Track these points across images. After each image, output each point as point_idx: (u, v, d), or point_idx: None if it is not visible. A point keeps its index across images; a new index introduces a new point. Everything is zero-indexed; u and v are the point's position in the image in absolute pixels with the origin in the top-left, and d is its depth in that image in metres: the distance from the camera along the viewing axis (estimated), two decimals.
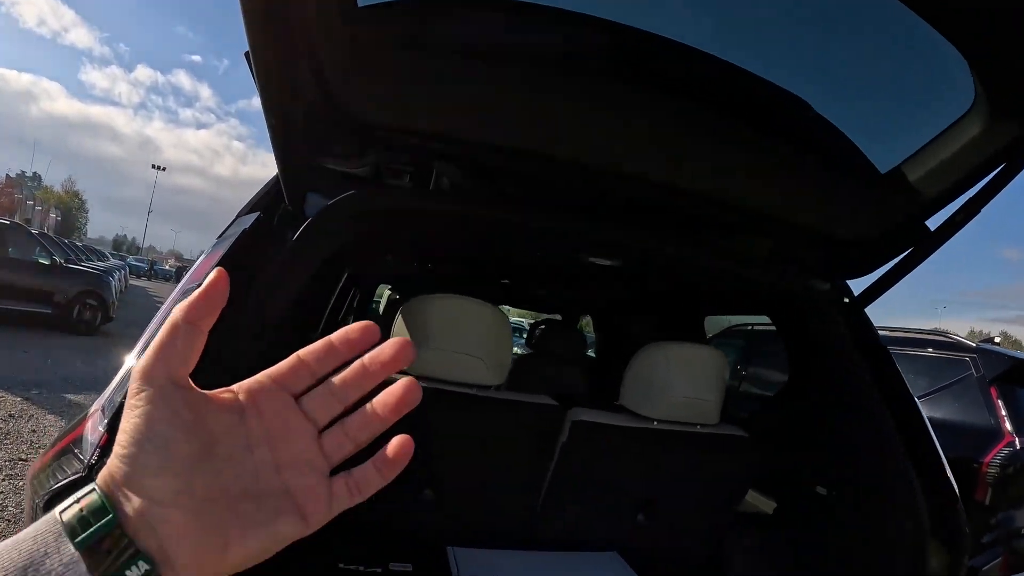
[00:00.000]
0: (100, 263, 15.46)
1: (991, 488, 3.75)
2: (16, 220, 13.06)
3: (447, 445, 1.86)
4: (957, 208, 1.60)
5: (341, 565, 1.71)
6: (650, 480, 2.03)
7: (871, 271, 1.96)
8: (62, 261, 10.91)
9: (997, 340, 4.68)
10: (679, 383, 1.94)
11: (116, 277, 13.01)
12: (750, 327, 5.83)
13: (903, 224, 1.76)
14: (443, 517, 1.99)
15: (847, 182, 1.75)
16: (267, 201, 1.63)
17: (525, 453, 1.96)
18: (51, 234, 17.28)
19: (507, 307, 7.32)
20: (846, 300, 2.08)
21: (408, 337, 1.74)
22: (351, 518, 1.52)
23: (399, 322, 1.88)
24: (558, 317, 5.84)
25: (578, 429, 1.93)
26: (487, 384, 1.89)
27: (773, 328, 2.44)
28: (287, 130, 1.33)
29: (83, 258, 14.62)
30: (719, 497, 2.11)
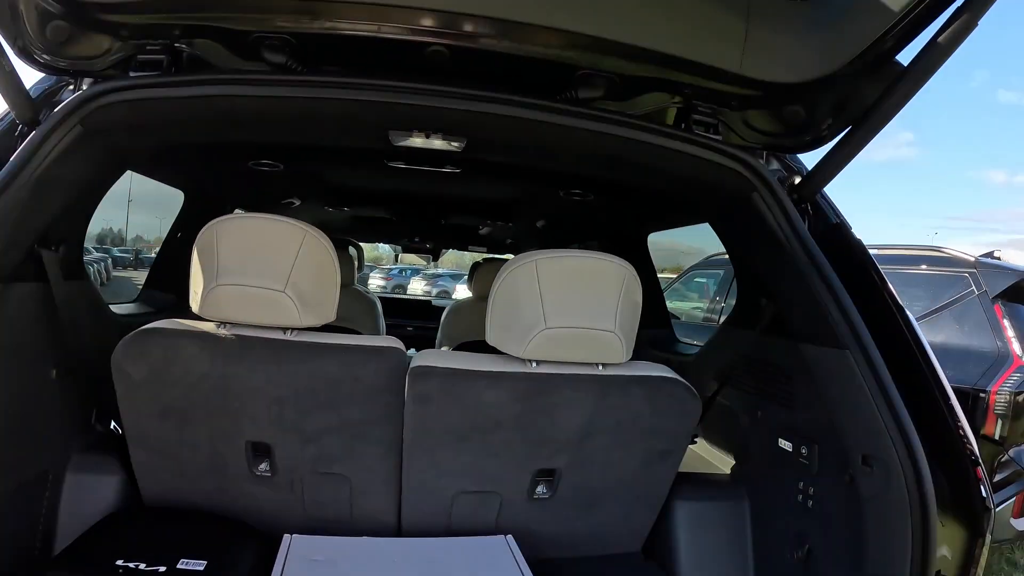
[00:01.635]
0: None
1: (1000, 420, 3.27)
2: None
3: (265, 404, 1.51)
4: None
5: (119, 563, 1.35)
6: (545, 442, 1.59)
7: (828, 136, 1.53)
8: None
9: (998, 255, 4.15)
10: (562, 308, 1.47)
11: (92, 270, 12.55)
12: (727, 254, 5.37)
13: (869, 60, 1.32)
14: (283, 496, 1.63)
15: None
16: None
17: (366, 411, 1.54)
18: None
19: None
20: (798, 180, 1.60)
21: (200, 272, 1.27)
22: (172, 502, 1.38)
23: (194, 256, 1.50)
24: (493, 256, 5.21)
25: (422, 379, 1.50)
26: (299, 325, 1.49)
27: None
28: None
29: None
30: (645, 459, 1.66)
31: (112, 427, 1.64)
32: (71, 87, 1.45)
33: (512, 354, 1.51)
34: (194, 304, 1.47)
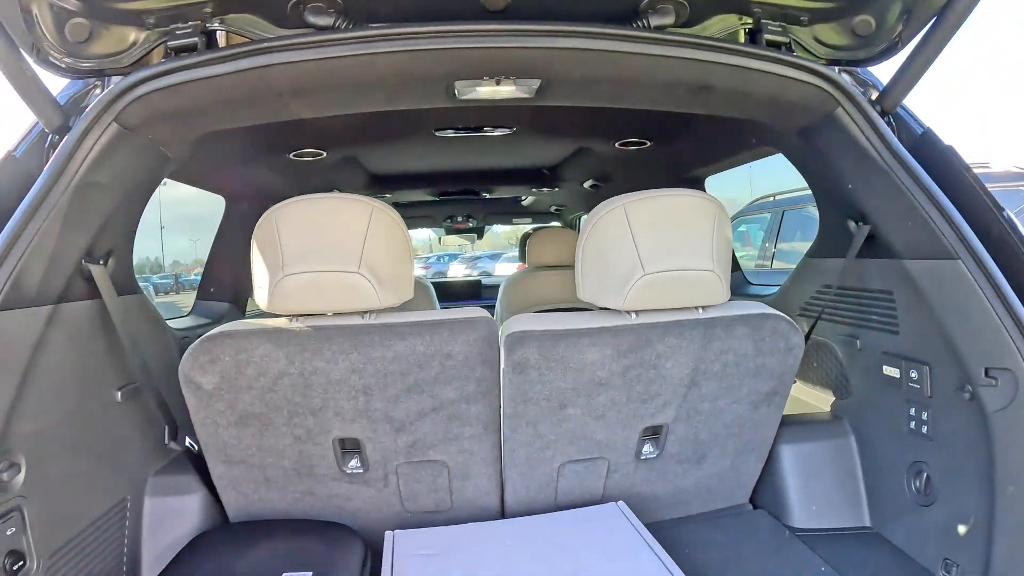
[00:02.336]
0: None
1: None
2: None
3: (351, 396, 1.41)
4: None
5: None
6: (651, 398, 1.49)
7: (901, 43, 1.41)
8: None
9: None
10: (658, 251, 1.38)
11: None
12: (772, 198, 5.16)
13: None
14: (376, 491, 1.54)
15: None
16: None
17: (460, 389, 1.44)
18: None
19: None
20: (876, 95, 1.48)
21: (264, 265, 1.17)
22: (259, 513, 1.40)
23: (254, 250, 1.39)
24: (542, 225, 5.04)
25: (519, 345, 1.40)
26: (378, 307, 1.39)
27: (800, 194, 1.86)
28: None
29: None
30: (751, 403, 1.57)
31: (187, 444, 1.57)
32: (98, 89, 1.35)
33: (610, 307, 1.42)
34: (260, 300, 1.38)
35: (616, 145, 2.25)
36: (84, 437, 1.34)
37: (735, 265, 2.86)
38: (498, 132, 1.99)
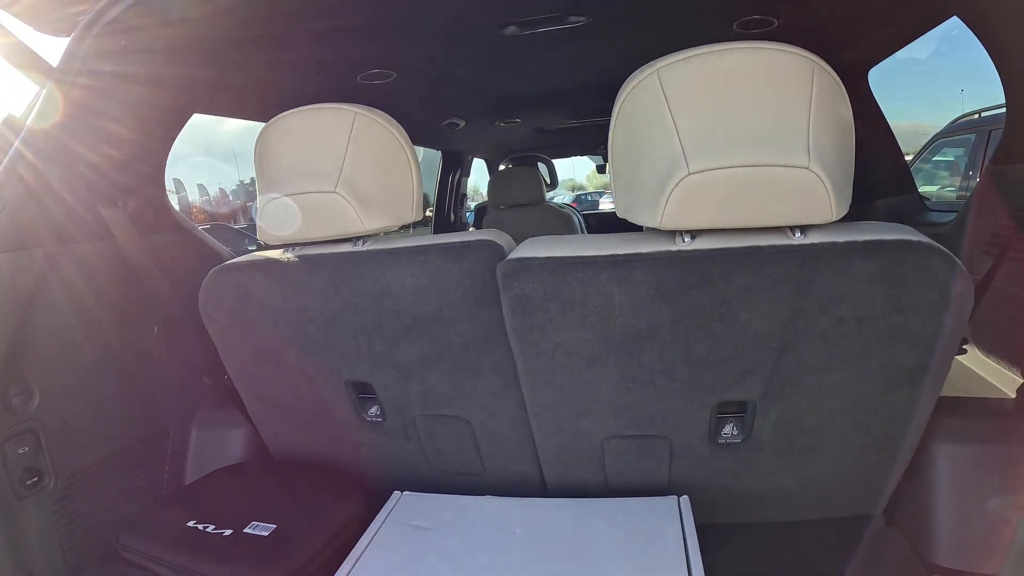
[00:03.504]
0: None
1: None
2: (236, 224, 14.81)
3: (350, 336, 1.25)
4: None
5: (191, 523, 1.20)
6: (723, 361, 1.08)
7: None
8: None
9: None
10: (713, 136, 0.93)
11: None
12: (978, 115, 4.20)
13: None
14: (398, 445, 1.37)
15: None
16: None
17: (466, 333, 1.19)
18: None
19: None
20: None
21: (258, 191, 1.22)
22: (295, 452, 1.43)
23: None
24: None
25: (515, 278, 1.07)
26: (363, 231, 1.19)
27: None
28: None
29: None
30: (884, 379, 1.07)
31: (226, 378, 1.50)
32: None
33: (647, 224, 0.99)
34: (257, 230, 1.27)
35: (735, 27, 1.73)
36: (114, 369, 1.36)
37: (906, 185, 2.12)
38: (573, 22, 1.60)
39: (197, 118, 1.62)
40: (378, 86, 1.94)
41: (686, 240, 1.01)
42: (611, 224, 4.64)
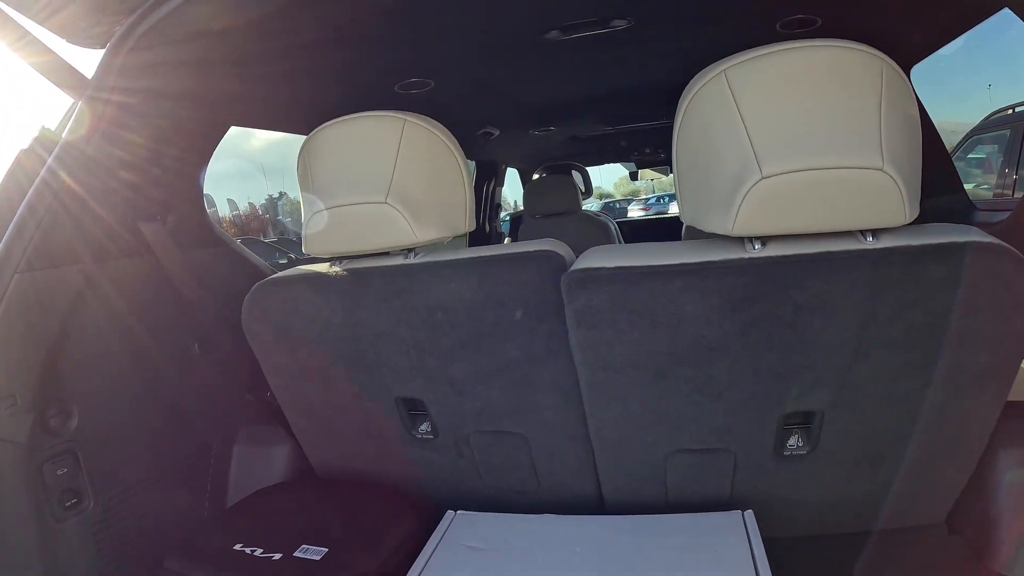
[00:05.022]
0: None
1: None
2: (266, 237, 15.04)
3: (402, 351, 1.22)
4: None
5: (237, 547, 1.16)
6: (792, 371, 1.04)
7: None
8: (296, 257, 12.15)
9: None
10: (785, 139, 0.89)
11: None
12: (1012, 110, 4.10)
13: None
14: (450, 463, 1.32)
15: None
16: None
17: (525, 346, 1.15)
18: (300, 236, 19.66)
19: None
20: None
21: (302, 203, 1.19)
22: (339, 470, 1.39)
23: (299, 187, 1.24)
24: None
25: (582, 289, 1.03)
26: (416, 242, 1.15)
27: None
28: None
29: None
30: (953, 384, 1.03)
31: (268, 395, 1.48)
32: None
33: (717, 231, 0.96)
34: (303, 243, 1.24)
35: (778, 27, 1.69)
36: (154, 387, 1.34)
37: (951, 184, 2.03)
38: (616, 25, 1.56)
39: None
40: (415, 95, 1.91)
41: (756, 247, 0.98)
42: (645, 232, 4.59)
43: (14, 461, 1.05)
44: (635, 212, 15.42)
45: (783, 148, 0.88)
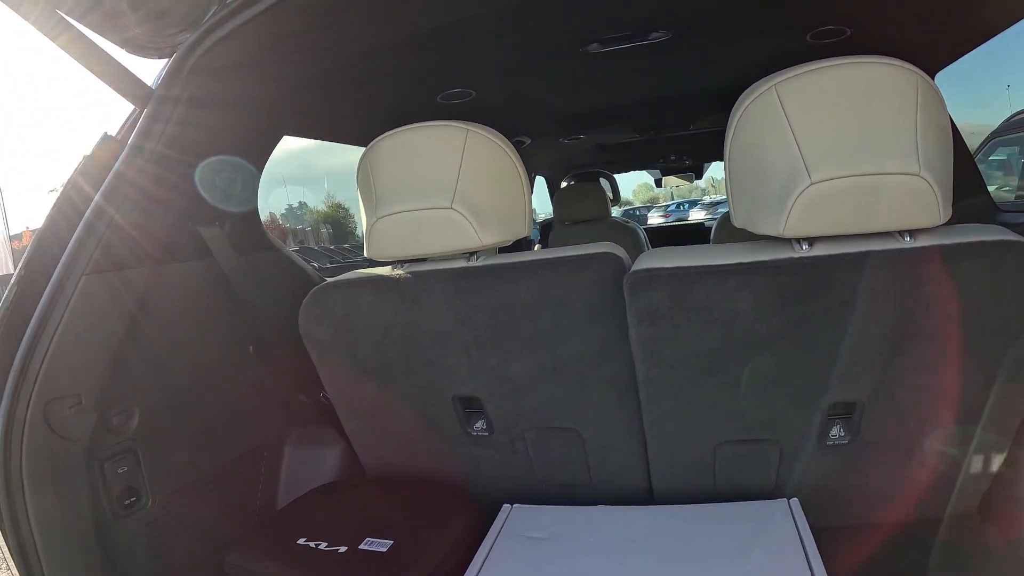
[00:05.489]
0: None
1: None
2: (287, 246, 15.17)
3: (462, 351, 1.26)
4: None
5: (301, 541, 1.20)
6: (835, 363, 1.10)
7: None
8: (318, 266, 12.14)
9: None
10: (830, 149, 0.96)
11: None
12: None
13: None
14: (504, 458, 1.36)
15: None
16: None
17: (583, 344, 1.19)
18: (321, 245, 19.47)
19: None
20: None
21: (363, 209, 1.25)
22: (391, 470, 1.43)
23: (358, 194, 1.30)
24: None
25: (643, 288, 1.09)
26: (480, 246, 1.20)
27: None
28: None
29: (350, 257, 15.89)
30: (986, 374, 1.09)
31: (322, 396, 1.52)
32: None
33: (768, 233, 1.04)
34: (364, 247, 1.28)
35: (808, 38, 1.75)
36: (210, 388, 1.37)
37: (975, 186, 2.09)
38: (654, 38, 1.61)
39: None
40: (456, 105, 1.97)
41: (804, 247, 1.04)
42: (670, 238, 4.62)
43: (77, 459, 1.08)
44: (655, 219, 15.48)
45: (830, 156, 0.96)
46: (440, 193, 1.16)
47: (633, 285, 1.09)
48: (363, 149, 1.33)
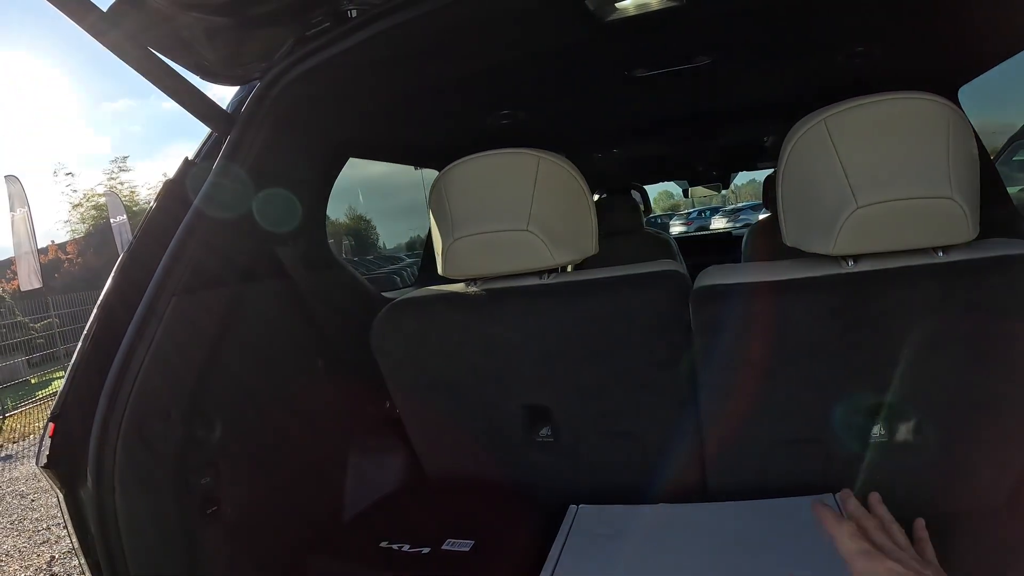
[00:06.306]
0: (392, 266, 16.84)
1: None
2: None
3: (533, 362, 1.36)
4: None
5: (384, 544, 1.29)
6: (876, 367, 1.20)
7: None
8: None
9: None
10: (874, 176, 1.08)
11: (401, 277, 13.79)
12: None
13: None
14: (568, 462, 1.45)
15: None
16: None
17: (648, 353, 1.30)
18: (344, 256, 19.44)
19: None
20: None
21: (438, 230, 1.34)
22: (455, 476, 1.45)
23: (431, 216, 1.40)
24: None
25: (709, 301, 1.21)
26: (553, 265, 1.31)
27: None
28: None
29: (372, 268, 15.80)
30: (1014, 378, 1.19)
31: (388, 406, 1.62)
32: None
33: (818, 251, 1.16)
34: (439, 266, 1.38)
35: (839, 58, 1.82)
36: (285, 402, 1.44)
37: (1000, 197, 2.19)
38: (698, 61, 1.71)
39: None
40: (505, 126, 2.07)
41: (850, 264, 1.16)
42: (698, 246, 4.67)
43: (165, 470, 1.13)
44: (677, 227, 15.49)
45: (873, 183, 1.08)
46: (516, 216, 1.26)
47: (699, 300, 1.20)
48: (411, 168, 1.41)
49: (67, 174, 33.36)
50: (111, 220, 14.67)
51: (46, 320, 14.09)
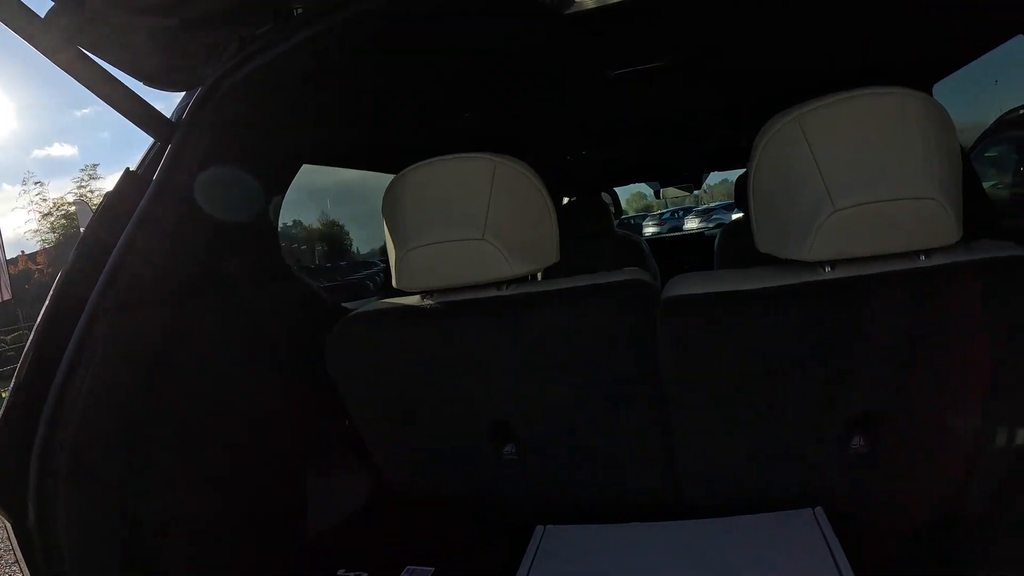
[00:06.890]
0: (366, 271, 16.63)
1: None
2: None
3: (495, 378, 1.30)
4: None
5: (341, 571, 1.25)
6: (856, 376, 1.14)
7: None
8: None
9: None
10: (852, 175, 1.02)
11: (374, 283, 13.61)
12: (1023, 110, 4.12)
13: None
14: (535, 481, 1.39)
15: None
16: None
17: (615, 366, 1.23)
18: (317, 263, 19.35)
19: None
20: None
21: (391, 240, 1.16)
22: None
23: (384, 225, 1.32)
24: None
25: (675, 314, 1.14)
26: (511, 276, 1.23)
27: None
28: None
29: (346, 274, 15.66)
30: (998, 386, 1.14)
31: (346, 423, 1.54)
32: None
33: (794, 257, 1.09)
34: (393, 278, 1.31)
35: (812, 56, 1.79)
36: (236, 420, 1.36)
37: (985, 196, 2.17)
38: (668, 60, 1.65)
39: None
40: (466, 129, 2.02)
41: (827, 269, 1.09)
42: (670, 247, 4.64)
43: (110, 500, 1.06)
44: (650, 228, 15.57)
45: (851, 183, 1.01)
46: (471, 224, 1.19)
47: (666, 311, 1.14)
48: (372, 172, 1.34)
49: (36, 183, 32.75)
50: (81, 229, 14.45)
51: (16, 332, 13.83)
